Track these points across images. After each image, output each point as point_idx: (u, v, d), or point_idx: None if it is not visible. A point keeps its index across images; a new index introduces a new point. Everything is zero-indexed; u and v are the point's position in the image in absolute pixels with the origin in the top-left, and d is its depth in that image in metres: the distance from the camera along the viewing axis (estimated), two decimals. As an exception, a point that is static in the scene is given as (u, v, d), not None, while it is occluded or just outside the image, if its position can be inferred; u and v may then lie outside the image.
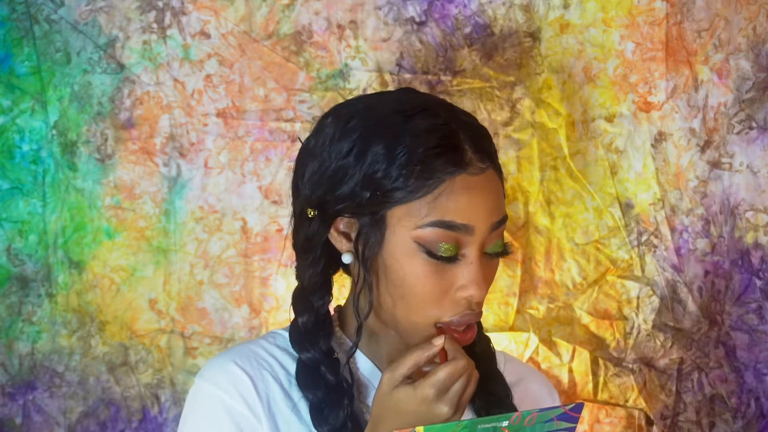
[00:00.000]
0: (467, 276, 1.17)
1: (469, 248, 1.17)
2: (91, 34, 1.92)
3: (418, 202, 1.16)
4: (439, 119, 1.19)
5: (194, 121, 1.92)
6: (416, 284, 1.17)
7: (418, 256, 1.17)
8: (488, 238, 1.18)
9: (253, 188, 1.92)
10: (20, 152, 1.92)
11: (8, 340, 1.92)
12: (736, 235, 1.88)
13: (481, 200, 1.17)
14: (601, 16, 1.90)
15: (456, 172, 1.16)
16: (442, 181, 1.16)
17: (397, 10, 1.91)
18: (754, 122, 1.88)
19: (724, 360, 1.88)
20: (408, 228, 1.17)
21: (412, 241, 1.17)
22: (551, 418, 1.07)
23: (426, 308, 1.18)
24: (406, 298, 1.18)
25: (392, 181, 1.16)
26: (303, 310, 1.26)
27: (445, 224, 1.16)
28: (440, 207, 1.16)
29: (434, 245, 1.16)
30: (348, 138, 1.20)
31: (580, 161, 1.91)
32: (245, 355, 1.24)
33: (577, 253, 1.91)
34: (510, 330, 1.90)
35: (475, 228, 1.17)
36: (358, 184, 1.18)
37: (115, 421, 1.91)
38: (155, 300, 1.92)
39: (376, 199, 1.17)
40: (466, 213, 1.16)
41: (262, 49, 1.92)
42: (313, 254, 1.24)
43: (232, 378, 1.21)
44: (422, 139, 1.17)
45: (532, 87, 1.91)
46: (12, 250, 1.92)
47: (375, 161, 1.17)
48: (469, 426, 1.03)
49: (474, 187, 1.17)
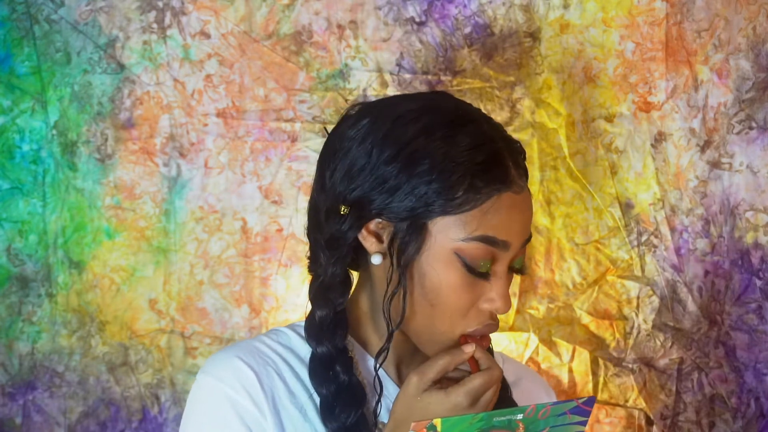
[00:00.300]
0: (497, 290, 1.19)
1: (500, 263, 1.20)
2: (91, 34, 1.92)
3: (465, 215, 1.18)
4: (485, 134, 1.21)
5: (194, 121, 1.92)
6: (450, 295, 1.19)
7: (457, 268, 1.18)
8: (517, 254, 1.22)
9: (253, 188, 1.92)
10: (20, 152, 1.92)
11: (8, 340, 1.92)
12: (736, 235, 1.88)
13: (519, 219, 1.20)
14: (601, 16, 1.90)
15: (502, 189, 1.19)
16: (489, 197, 1.18)
17: (397, 10, 1.91)
18: (754, 122, 1.88)
19: (724, 360, 1.88)
20: (451, 239, 1.18)
21: (452, 253, 1.18)
22: (564, 412, 1.07)
23: (453, 319, 1.20)
24: (436, 306, 1.19)
25: (438, 194, 1.18)
26: (322, 305, 1.25)
27: (488, 240, 1.18)
28: (486, 223, 1.18)
29: (475, 260, 1.18)
30: (393, 144, 1.19)
31: (580, 161, 1.91)
32: (249, 351, 1.24)
33: (577, 253, 1.91)
34: (510, 330, 1.90)
35: (512, 245, 1.19)
36: (403, 191, 1.18)
37: (115, 421, 1.91)
38: (155, 300, 1.92)
39: (420, 208, 1.18)
40: (506, 230, 1.19)
41: (262, 49, 1.92)
42: (339, 251, 1.23)
43: (237, 373, 1.21)
44: (472, 154, 1.18)
45: (532, 87, 1.91)
46: (12, 250, 1.92)
47: (423, 172, 1.18)
48: (484, 418, 1.04)
49: (516, 206, 1.20)
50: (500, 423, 1.05)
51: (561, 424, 1.08)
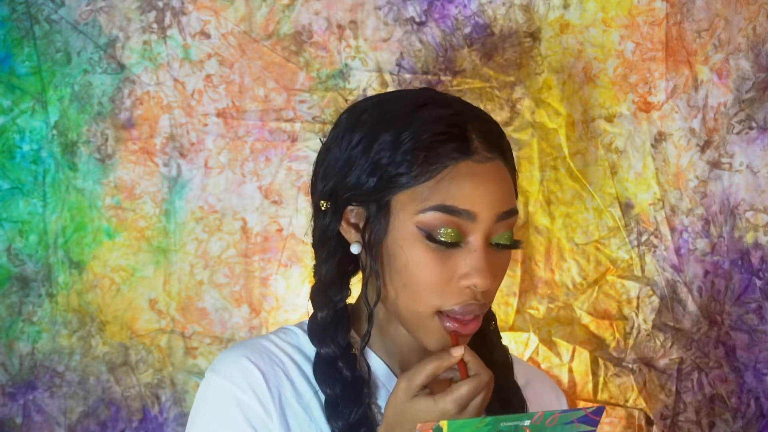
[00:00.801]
0: (470, 263, 1.16)
1: (473, 236, 1.17)
2: (91, 34, 1.92)
3: (421, 187, 1.16)
4: (449, 110, 1.20)
5: (194, 121, 1.92)
6: (417, 271, 1.17)
7: (420, 242, 1.16)
8: (494, 228, 1.18)
9: (253, 188, 1.92)
10: (20, 152, 1.92)
11: (8, 340, 1.92)
12: (736, 235, 1.88)
13: (485, 188, 1.17)
14: (601, 16, 1.90)
15: (460, 158, 1.16)
16: (446, 167, 1.16)
17: (397, 10, 1.91)
18: (754, 122, 1.88)
19: (724, 360, 1.88)
20: (411, 213, 1.17)
21: (414, 227, 1.17)
22: (572, 420, 1.07)
23: (428, 296, 1.17)
24: (408, 286, 1.18)
25: (397, 166, 1.17)
26: (322, 305, 1.25)
27: (446, 208, 1.16)
28: (442, 192, 1.16)
29: (435, 230, 1.16)
30: (359, 130, 1.21)
31: (580, 161, 1.91)
32: (257, 351, 1.24)
33: (577, 253, 1.91)
34: (510, 330, 1.90)
35: (478, 215, 1.16)
36: (364, 171, 1.19)
37: (116, 421, 1.91)
38: (155, 300, 1.92)
39: (381, 185, 1.18)
40: (468, 199, 1.16)
41: (262, 49, 1.92)
42: (327, 247, 1.25)
43: (245, 373, 1.21)
44: (429, 127, 1.17)
45: (532, 87, 1.91)
46: (12, 250, 1.92)
47: (382, 148, 1.18)
48: (491, 423, 1.03)
49: (478, 174, 1.17)
50: (507, 428, 1.04)
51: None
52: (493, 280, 1.18)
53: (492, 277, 1.17)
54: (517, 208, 1.21)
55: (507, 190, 1.20)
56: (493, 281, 1.18)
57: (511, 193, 1.21)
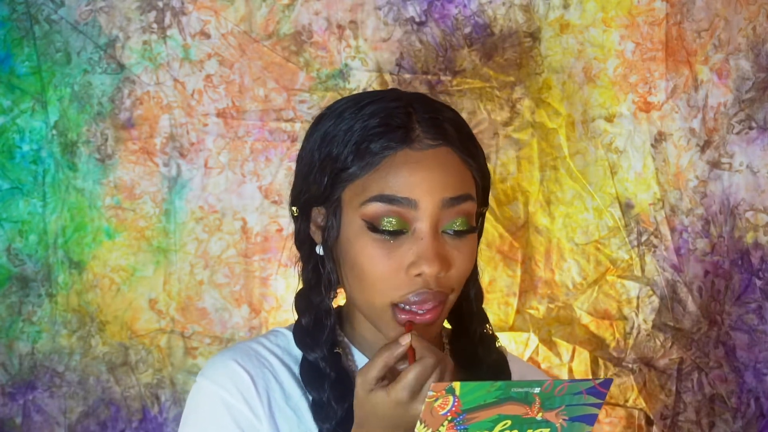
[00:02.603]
0: (416, 251, 1.16)
1: (418, 224, 1.16)
2: (91, 34, 1.92)
3: (363, 179, 1.17)
4: (393, 103, 1.20)
5: (194, 121, 1.92)
6: (366, 263, 1.17)
7: (366, 234, 1.17)
8: (442, 215, 1.17)
9: (253, 188, 1.92)
10: (20, 152, 1.92)
11: (8, 340, 1.92)
12: (736, 235, 1.88)
13: (425, 175, 1.16)
14: (601, 16, 1.90)
15: (398, 147, 1.17)
16: (384, 157, 1.17)
17: (397, 10, 1.91)
18: (754, 122, 1.88)
19: (724, 360, 1.88)
20: (356, 207, 1.18)
21: (360, 220, 1.17)
22: (580, 391, 1.07)
23: (380, 288, 1.17)
24: (361, 279, 1.19)
25: (342, 161, 1.18)
26: (304, 310, 1.26)
27: (385, 198, 1.16)
28: (381, 181, 1.16)
29: (377, 220, 1.16)
30: (316, 133, 1.23)
31: (580, 161, 1.91)
32: (246, 354, 1.24)
33: (577, 253, 1.91)
34: (510, 330, 1.90)
35: (419, 202, 1.16)
36: (319, 171, 1.21)
37: (115, 421, 1.91)
38: (155, 300, 1.92)
39: (330, 182, 1.19)
40: (407, 187, 1.16)
41: (262, 49, 1.92)
42: (303, 251, 1.26)
43: (234, 377, 1.22)
44: (372, 120, 1.18)
45: (532, 87, 1.91)
46: (12, 250, 1.92)
47: (331, 147, 1.20)
48: (503, 387, 1.04)
49: (417, 162, 1.17)
50: (517, 394, 1.05)
51: (577, 403, 1.08)
52: (443, 267, 1.16)
53: (440, 263, 1.16)
54: (470, 194, 1.19)
55: (453, 176, 1.18)
56: (442, 267, 1.16)
57: (459, 179, 1.19)
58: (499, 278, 1.90)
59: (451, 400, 1.03)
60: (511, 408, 1.05)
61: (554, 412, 1.07)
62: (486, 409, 1.05)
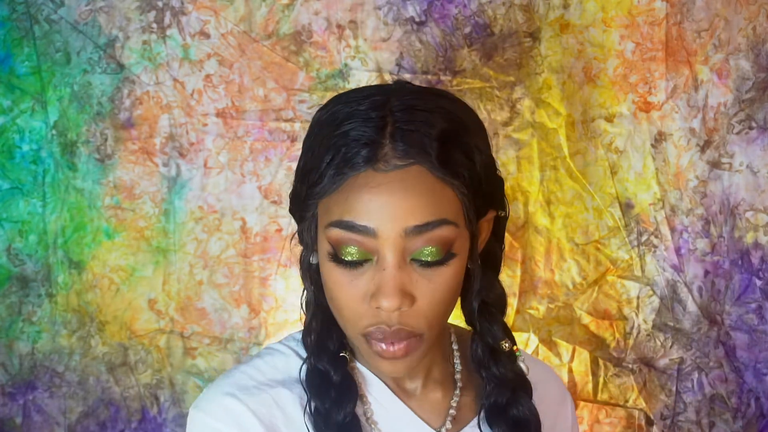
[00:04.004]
0: (378, 282, 1.06)
1: (382, 253, 1.06)
2: (91, 34, 1.92)
3: (329, 198, 1.08)
4: (372, 113, 1.08)
5: (194, 121, 1.92)
6: (335, 290, 1.09)
7: (331, 258, 1.08)
8: (408, 244, 1.06)
9: (253, 188, 1.92)
10: (20, 152, 1.92)
11: (8, 340, 1.92)
12: (736, 235, 1.88)
13: (386, 200, 1.04)
14: (601, 16, 1.90)
15: (361, 168, 1.05)
16: (348, 177, 1.05)
17: (397, 10, 1.91)
18: (754, 122, 1.87)
19: (724, 360, 1.88)
20: (323, 226, 1.09)
21: (326, 242, 1.08)
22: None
23: (347, 316, 1.10)
24: (332, 305, 1.12)
25: (315, 174, 1.09)
26: (312, 314, 1.21)
27: (344, 224, 1.06)
28: (342, 204, 1.06)
29: (338, 248, 1.07)
30: (306, 136, 1.16)
31: (580, 161, 1.91)
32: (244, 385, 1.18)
33: (577, 253, 1.91)
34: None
35: (378, 231, 1.05)
36: (300, 180, 1.13)
37: (115, 421, 1.91)
38: (155, 300, 1.92)
39: (307, 194, 1.10)
40: (366, 214, 1.05)
41: (262, 49, 1.92)
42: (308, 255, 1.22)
43: (231, 414, 1.16)
44: (341, 133, 1.08)
45: (532, 87, 1.91)
46: (12, 250, 1.92)
47: (307, 156, 1.12)
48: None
49: (379, 185, 1.05)
50: None
51: None
52: (403, 301, 1.06)
53: (400, 298, 1.06)
54: (444, 219, 1.06)
55: (422, 201, 1.05)
56: (403, 302, 1.06)
57: (430, 203, 1.06)
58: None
59: None
60: None
61: None
62: None
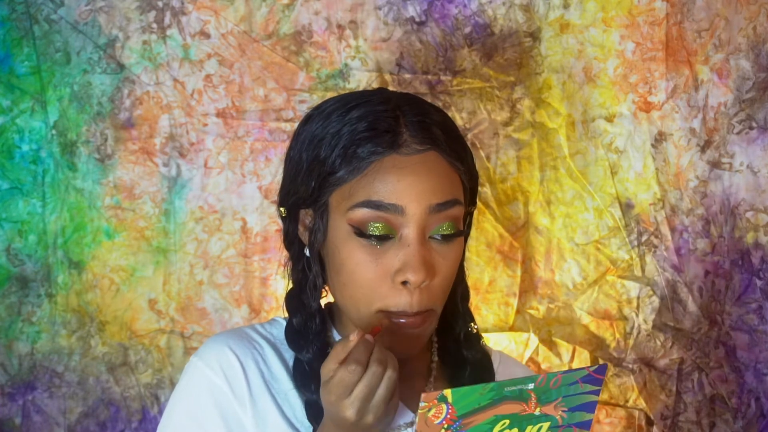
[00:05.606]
0: (403, 258, 1.16)
1: (405, 230, 1.17)
2: (91, 34, 1.92)
3: (351, 184, 1.17)
4: (381, 106, 1.20)
5: (194, 121, 1.92)
6: (353, 269, 1.17)
7: (353, 239, 1.17)
8: (429, 221, 1.17)
9: (253, 188, 1.91)
10: (20, 152, 1.92)
11: (8, 340, 1.91)
12: (736, 235, 1.88)
13: (412, 180, 1.16)
14: (601, 16, 1.90)
15: (386, 152, 1.17)
16: (371, 163, 1.17)
17: (397, 10, 1.91)
18: (754, 122, 1.88)
19: (724, 360, 1.88)
20: (343, 211, 1.18)
21: (347, 225, 1.17)
22: (576, 380, 1.07)
23: (366, 294, 1.18)
24: (347, 285, 1.19)
25: (330, 165, 1.18)
26: (295, 310, 1.27)
27: (372, 204, 1.16)
28: (368, 187, 1.16)
29: (364, 225, 1.16)
30: (303, 134, 1.23)
31: (580, 161, 1.91)
32: (239, 338, 1.26)
33: (577, 253, 1.91)
34: (510, 330, 1.90)
35: (406, 208, 1.16)
36: (306, 173, 1.21)
37: (115, 421, 1.91)
38: (155, 300, 1.92)
39: (318, 185, 1.19)
40: (394, 193, 1.16)
41: (262, 49, 1.92)
42: (292, 252, 1.27)
43: (223, 360, 1.23)
44: (360, 123, 1.18)
45: (532, 87, 1.91)
46: (12, 250, 1.92)
47: (318, 149, 1.20)
48: (495, 388, 1.04)
49: (405, 167, 1.17)
50: (511, 393, 1.05)
51: (574, 393, 1.07)
52: (428, 275, 1.16)
53: (426, 271, 1.16)
54: (458, 199, 1.19)
55: (441, 181, 1.18)
56: (428, 275, 1.16)
57: (447, 184, 1.19)
58: (499, 278, 1.90)
59: (444, 408, 1.03)
60: (507, 407, 1.05)
61: (552, 405, 1.07)
62: (482, 412, 1.04)
